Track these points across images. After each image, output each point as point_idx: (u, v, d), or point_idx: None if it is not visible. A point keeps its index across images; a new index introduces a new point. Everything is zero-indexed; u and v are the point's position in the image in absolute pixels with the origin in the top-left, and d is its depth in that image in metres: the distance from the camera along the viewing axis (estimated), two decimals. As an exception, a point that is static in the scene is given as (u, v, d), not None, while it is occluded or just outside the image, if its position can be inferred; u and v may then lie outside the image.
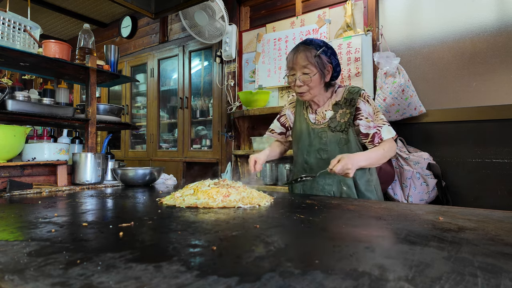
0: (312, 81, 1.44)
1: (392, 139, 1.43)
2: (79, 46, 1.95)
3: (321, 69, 1.44)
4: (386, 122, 1.44)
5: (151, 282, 0.43)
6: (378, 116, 1.44)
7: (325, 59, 1.45)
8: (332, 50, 1.48)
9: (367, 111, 1.45)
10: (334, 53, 1.49)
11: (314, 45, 1.46)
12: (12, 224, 0.79)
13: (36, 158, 1.66)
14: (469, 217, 0.89)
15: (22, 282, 0.43)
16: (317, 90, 1.48)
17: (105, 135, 4.60)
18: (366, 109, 1.45)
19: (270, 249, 0.58)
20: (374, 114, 1.45)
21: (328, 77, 1.48)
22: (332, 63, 1.47)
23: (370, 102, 1.46)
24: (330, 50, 1.47)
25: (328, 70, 1.47)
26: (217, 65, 3.48)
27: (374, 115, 1.45)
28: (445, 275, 0.46)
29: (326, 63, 1.45)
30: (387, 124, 1.43)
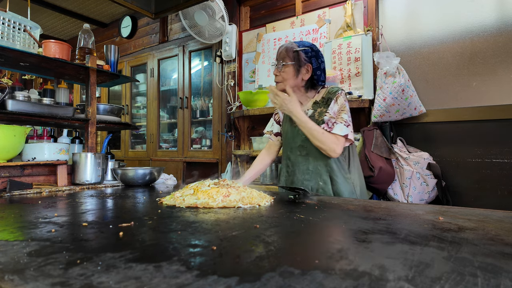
0: (286, 72, 1.55)
1: (339, 137, 1.46)
2: (79, 46, 1.95)
3: (297, 64, 1.54)
4: (345, 121, 1.48)
5: (151, 282, 0.43)
6: (340, 114, 1.50)
7: (303, 56, 1.53)
8: (315, 54, 1.56)
9: (333, 109, 1.52)
10: (317, 56, 1.56)
11: (299, 44, 1.57)
12: (12, 224, 0.79)
13: (36, 158, 1.66)
14: (469, 217, 0.89)
15: (22, 282, 0.43)
16: (291, 82, 1.56)
17: (105, 135, 4.60)
18: (333, 107, 1.52)
19: (270, 249, 0.58)
20: (338, 111, 1.51)
21: (305, 76, 1.56)
22: (312, 64, 1.55)
23: (338, 102, 1.52)
24: (313, 53, 1.55)
25: (307, 70, 1.55)
26: (217, 65, 3.48)
27: (337, 112, 1.51)
28: (445, 275, 0.46)
29: (304, 61, 1.54)
30: (345, 123, 1.47)
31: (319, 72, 1.57)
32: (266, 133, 1.86)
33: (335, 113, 1.51)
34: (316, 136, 1.45)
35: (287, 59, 1.55)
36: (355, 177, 1.58)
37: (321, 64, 1.57)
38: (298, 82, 1.57)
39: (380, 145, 2.30)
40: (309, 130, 1.46)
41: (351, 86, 2.64)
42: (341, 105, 1.51)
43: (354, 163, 1.60)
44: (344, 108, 1.51)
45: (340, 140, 1.47)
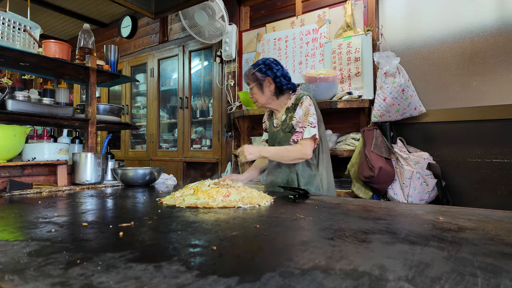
0: (254, 93, 1.77)
1: (308, 140, 1.63)
2: (79, 46, 1.95)
3: (258, 83, 1.75)
4: (311, 123, 1.64)
5: (151, 282, 0.43)
6: (307, 118, 1.66)
7: (259, 74, 1.74)
8: (268, 66, 1.74)
9: (298, 114, 1.70)
10: (271, 68, 1.74)
11: (254, 65, 1.78)
12: (12, 224, 0.79)
13: (36, 158, 1.66)
14: (469, 217, 0.89)
15: (22, 282, 0.43)
16: (263, 99, 1.77)
17: (105, 135, 4.60)
18: (298, 112, 1.70)
19: (270, 249, 0.58)
20: (303, 116, 1.68)
21: (270, 88, 1.75)
22: (270, 76, 1.73)
23: (303, 107, 1.69)
24: (266, 67, 1.74)
25: (269, 82, 1.74)
26: (217, 65, 3.48)
27: (303, 117, 1.67)
28: (445, 275, 0.46)
29: (262, 78, 1.74)
30: (311, 125, 1.63)
31: (278, 80, 1.74)
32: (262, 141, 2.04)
33: (300, 117, 1.69)
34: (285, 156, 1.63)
35: (250, 82, 1.78)
36: (323, 173, 1.72)
37: (276, 72, 1.74)
38: (268, 95, 1.76)
39: (380, 145, 2.30)
40: (279, 158, 1.65)
41: (351, 86, 2.64)
42: (306, 109, 1.67)
43: (323, 160, 1.74)
44: (309, 112, 1.66)
45: (308, 143, 1.63)
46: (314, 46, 2.86)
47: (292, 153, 1.64)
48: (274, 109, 1.84)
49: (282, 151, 1.65)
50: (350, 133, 2.59)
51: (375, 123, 2.42)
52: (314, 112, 1.67)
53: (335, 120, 2.84)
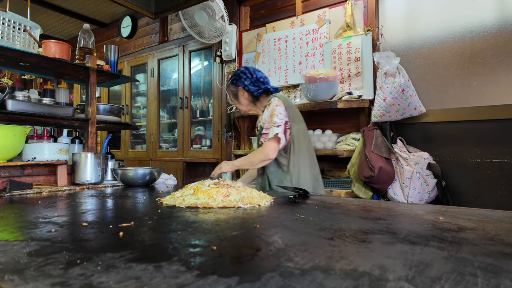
0: (235, 103, 1.98)
1: (270, 140, 1.70)
2: (79, 46, 1.95)
3: (234, 94, 1.93)
4: (275, 123, 1.70)
5: (151, 282, 0.43)
6: (272, 118, 1.72)
7: (232, 87, 1.92)
8: (237, 77, 1.89)
9: (264, 116, 1.79)
10: (239, 78, 1.88)
11: (230, 79, 1.94)
12: (12, 224, 0.79)
13: (36, 158, 1.66)
14: (469, 217, 0.89)
15: (22, 282, 0.43)
16: (243, 107, 1.95)
17: (105, 135, 4.60)
18: (265, 114, 1.79)
19: (270, 249, 0.58)
20: (269, 117, 1.75)
21: (245, 96, 1.89)
22: (241, 86, 1.87)
23: (269, 109, 1.77)
24: (236, 77, 1.89)
25: (242, 92, 1.89)
26: (217, 65, 3.48)
27: (269, 118, 1.75)
28: (445, 275, 0.46)
29: (235, 89, 1.91)
30: (274, 125, 1.70)
31: (247, 88, 1.86)
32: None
33: (266, 119, 1.78)
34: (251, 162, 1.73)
35: (230, 95, 1.98)
36: (295, 174, 1.74)
37: (244, 81, 1.86)
38: (245, 103, 1.92)
39: (380, 145, 2.30)
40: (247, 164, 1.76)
41: (351, 86, 2.64)
42: (271, 110, 1.75)
43: (295, 161, 1.75)
44: (274, 112, 1.73)
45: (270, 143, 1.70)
46: (314, 46, 2.86)
47: (256, 156, 1.71)
48: (255, 114, 1.99)
49: (247, 157, 1.74)
50: (350, 133, 2.59)
51: (375, 123, 2.42)
52: (281, 111, 1.72)
53: (335, 120, 2.84)
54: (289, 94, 3.02)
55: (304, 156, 1.78)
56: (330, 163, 2.85)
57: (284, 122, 1.71)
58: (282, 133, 1.69)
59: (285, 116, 1.73)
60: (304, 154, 1.78)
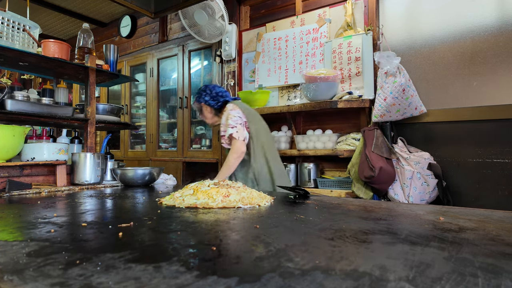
0: (202, 117, 2.22)
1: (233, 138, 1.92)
2: (78, 46, 1.95)
3: (199, 110, 2.19)
4: (230, 125, 1.93)
5: (150, 282, 0.43)
6: (227, 121, 1.96)
7: (196, 104, 2.18)
8: (199, 95, 2.14)
9: (222, 122, 2.01)
10: (200, 95, 2.13)
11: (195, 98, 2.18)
12: (11, 224, 0.79)
13: (35, 158, 1.65)
14: (470, 217, 0.89)
15: (21, 282, 0.43)
16: (208, 120, 2.19)
17: (104, 135, 4.59)
18: (222, 119, 2.01)
19: (270, 249, 0.58)
20: (225, 121, 1.97)
21: (208, 110, 2.14)
22: (202, 102, 2.12)
23: (224, 114, 2.00)
24: (197, 95, 2.15)
25: (205, 107, 2.13)
26: (217, 65, 3.48)
27: (225, 121, 1.97)
28: (446, 276, 0.46)
29: (199, 105, 2.16)
30: (229, 127, 1.94)
31: (208, 103, 2.11)
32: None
33: (223, 124, 2.00)
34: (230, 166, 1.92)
35: (197, 111, 2.23)
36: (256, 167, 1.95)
37: (205, 97, 2.12)
38: (210, 116, 2.17)
39: (381, 145, 2.30)
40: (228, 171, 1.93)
41: (351, 85, 2.63)
42: (227, 115, 1.97)
43: (256, 157, 1.97)
44: (228, 116, 1.96)
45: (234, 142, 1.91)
46: (314, 45, 2.86)
47: (229, 159, 1.91)
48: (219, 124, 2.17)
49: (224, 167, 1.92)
50: (351, 133, 2.58)
51: (375, 123, 2.41)
52: (235, 114, 1.96)
53: (335, 120, 2.84)
54: (289, 94, 3.02)
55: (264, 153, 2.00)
56: (330, 163, 2.85)
57: (240, 123, 1.95)
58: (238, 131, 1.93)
59: (242, 117, 1.97)
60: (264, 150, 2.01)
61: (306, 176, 2.73)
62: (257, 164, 1.97)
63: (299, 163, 2.84)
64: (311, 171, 2.72)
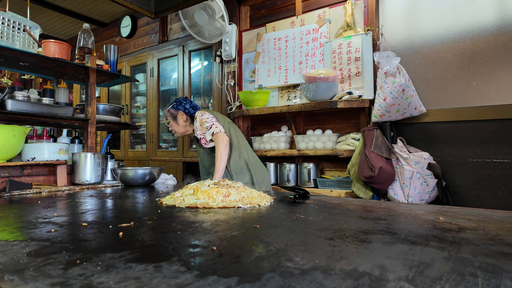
0: (172, 125, 2.23)
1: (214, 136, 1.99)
2: (79, 46, 1.95)
3: (173, 117, 2.20)
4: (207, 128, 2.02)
5: (151, 282, 0.43)
6: (202, 126, 2.05)
7: (172, 110, 2.19)
8: (178, 102, 2.20)
9: (196, 127, 2.10)
10: (180, 103, 2.20)
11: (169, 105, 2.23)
12: (11, 224, 0.79)
13: (36, 158, 1.65)
14: (470, 217, 0.89)
15: (21, 282, 0.43)
16: (180, 129, 2.21)
17: (104, 135, 4.60)
18: (196, 126, 2.10)
19: (270, 249, 0.58)
20: (199, 126, 2.07)
21: (183, 118, 2.18)
22: (181, 109, 2.17)
23: (197, 120, 2.09)
24: (176, 103, 2.20)
25: (181, 115, 2.17)
26: (217, 65, 3.48)
27: (200, 127, 2.07)
28: (446, 275, 0.46)
29: (175, 112, 2.18)
30: (207, 129, 2.02)
31: (187, 111, 2.18)
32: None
33: (198, 128, 2.08)
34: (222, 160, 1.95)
35: (168, 117, 2.23)
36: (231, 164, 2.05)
37: (185, 105, 2.18)
38: (182, 124, 2.19)
39: (381, 145, 2.30)
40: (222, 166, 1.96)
41: (351, 85, 2.63)
42: (199, 121, 2.07)
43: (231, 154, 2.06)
44: (202, 121, 2.05)
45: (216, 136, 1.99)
46: (314, 45, 2.86)
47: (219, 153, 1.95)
48: (191, 134, 2.23)
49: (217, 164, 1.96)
50: (350, 133, 2.59)
51: (375, 123, 2.42)
52: (206, 117, 2.05)
53: (335, 120, 2.84)
54: (289, 94, 3.02)
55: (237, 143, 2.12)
56: (330, 163, 2.85)
57: (214, 121, 2.04)
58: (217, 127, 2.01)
59: (212, 117, 2.06)
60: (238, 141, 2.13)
61: (306, 176, 2.73)
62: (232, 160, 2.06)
63: (299, 163, 2.84)
64: (311, 171, 2.72)
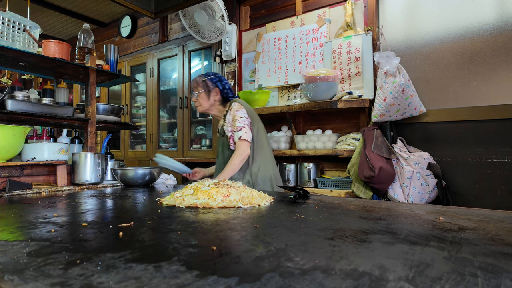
0: (200, 97, 2.04)
1: (239, 142, 1.88)
2: (79, 46, 1.95)
3: (207, 89, 2.02)
4: (238, 128, 1.89)
5: (151, 282, 0.43)
6: (234, 123, 1.91)
7: (210, 83, 2.02)
8: (219, 79, 2.04)
9: (228, 120, 1.95)
10: (221, 80, 2.04)
11: (205, 75, 2.06)
12: (11, 224, 0.79)
13: (36, 158, 1.65)
14: (470, 217, 0.89)
15: (21, 282, 0.43)
16: (206, 105, 2.04)
17: (104, 135, 4.60)
18: (228, 118, 1.96)
19: (270, 249, 0.58)
20: (232, 121, 1.92)
21: (216, 97, 2.03)
22: (219, 87, 2.02)
23: (231, 113, 1.94)
24: (217, 79, 2.04)
25: (216, 92, 2.02)
26: (217, 65, 3.48)
27: (232, 122, 1.92)
28: (446, 275, 0.46)
29: (211, 86, 2.02)
30: (237, 129, 1.89)
31: (226, 91, 2.04)
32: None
33: (230, 122, 1.95)
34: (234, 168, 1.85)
35: (199, 88, 2.04)
36: (254, 169, 1.93)
37: (225, 85, 2.04)
38: (212, 103, 2.04)
39: (381, 145, 2.30)
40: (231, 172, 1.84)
41: (351, 85, 2.63)
42: (233, 115, 1.93)
43: (256, 157, 1.95)
44: (235, 117, 1.91)
45: (240, 143, 1.87)
46: (314, 45, 2.86)
47: (234, 160, 1.85)
48: (215, 115, 2.11)
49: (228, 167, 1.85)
50: (350, 133, 2.59)
51: (375, 123, 2.42)
52: (241, 115, 1.91)
53: (335, 120, 2.84)
54: (289, 94, 3.02)
55: (264, 152, 1.98)
56: (330, 163, 2.85)
57: (247, 124, 1.91)
58: (247, 133, 1.89)
59: (246, 119, 1.93)
60: (264, 150, 1.99)
61: (306, 176, 2.73)
62: (257, 167, 1.93)
63: (299, 163, 2.84)
64: (311, 171, 2.72)
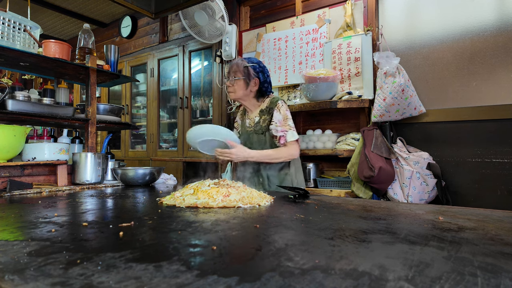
0: (237, 84, 1.81)
1: (294, 142, 1.75)
2: (79, 46, 1.95)
3: (247, 78, 1.80)
4: (291, 127, 1.76)
5: (151, 282, 0.43)
6: (286, 122, 1.76)
7: (252, 71, 1.81)
8: (262, 69, 1.83)
9: (277, 118, 1.77)
10: (263, 72, 1.84)
11: (248, 61, 1.84)
12: (12, 224, 0.79)
13: (36, 158, 1.66)
14: (469, 216, 0.90)
15: (22, 282, 0.43)
16: (241, 93, 1.82)
17: (105, 135, 4.60)
18: (277, 117, 1.77)
19: (270, 249, 0.58)
20: (283, 120, 1.77)
21: (254, 88, 1.82)
22: (260, 79, 1.82)
23: (281, 111, 1.77)
24: (260, 68, 1.83)
25: (255, 82, 1.81)
26: (217, 65, 3.48)
27: (283, 121, 1.77)
28: (445, 275, 0.46)
29: (253, 75, 1.81)
30: (292, 129, 1.75)
31: (266, 85, 1.85)
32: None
33: (280, 121, 1.77)
34: (273, 157, 1.72)
35: (238, 73, 1.81)
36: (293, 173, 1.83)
37: (267, 78, 1.85)
38: (247, 93, 1.83)
39: (380, 145, 2.30)
40: (267, 158, 1.72)
41: (351, 86, 2.64)
42: (284, 114, 1.77)
43: (294, 161, 1.83)
44: (287, 116, 1.77)
45: (294, 145, 1.75)
46: (314, 46, 2.86)
47: (281, 153, 1.73)
48: (247, 107, 1.92)
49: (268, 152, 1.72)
50: (350, 133, 2.59)
51: (375, 123, 2.42)
52: (290, 115, 1.78)
53: (335, 120, 2.84)
54: (289, 94, 3.02)
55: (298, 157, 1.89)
56: (330, 163, 2.85)
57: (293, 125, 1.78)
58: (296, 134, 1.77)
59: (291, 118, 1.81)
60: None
61: (306, 176, 2.73)
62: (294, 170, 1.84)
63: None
64: (311, 171, 2.72)
